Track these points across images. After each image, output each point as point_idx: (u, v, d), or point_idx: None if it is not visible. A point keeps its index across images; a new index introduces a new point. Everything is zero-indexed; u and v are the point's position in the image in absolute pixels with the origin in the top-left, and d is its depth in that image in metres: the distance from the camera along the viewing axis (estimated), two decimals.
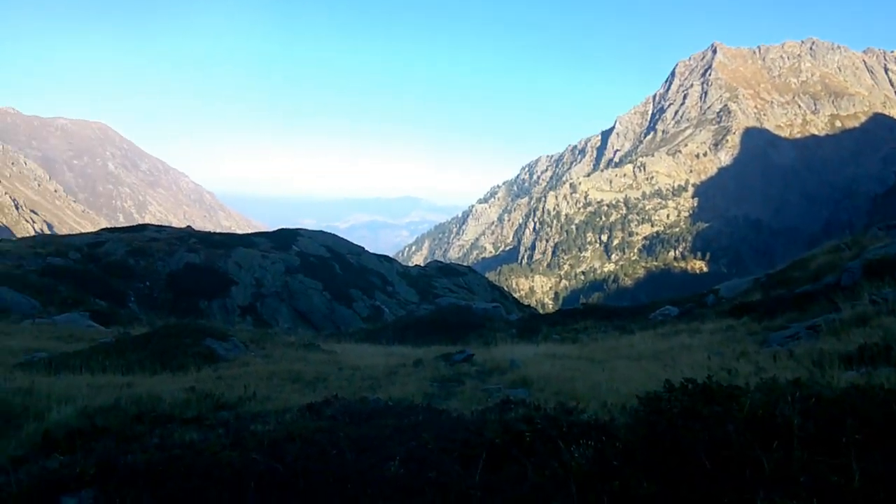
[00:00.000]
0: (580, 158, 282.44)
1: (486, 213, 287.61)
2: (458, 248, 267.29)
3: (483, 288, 58.12)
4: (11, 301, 19.81)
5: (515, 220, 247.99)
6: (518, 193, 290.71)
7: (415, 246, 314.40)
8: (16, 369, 9.89)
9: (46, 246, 42.70)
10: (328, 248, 50.92)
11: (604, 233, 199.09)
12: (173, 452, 5.13)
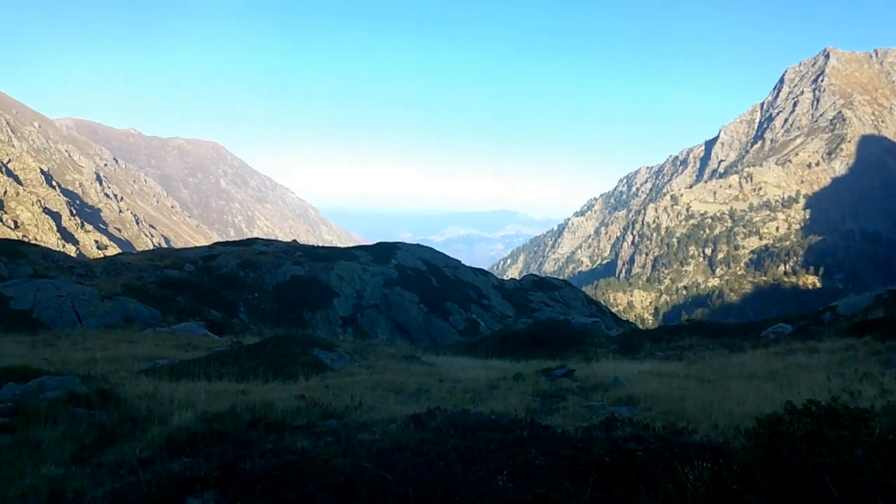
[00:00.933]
0: (682, 169, 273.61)
1: (582, 226, 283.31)
2: (554, 262, 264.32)
3: (579, 302, 57.17)
4: (135, 311, 21.23)
5: (613, 233, 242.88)
6: (616, 206, 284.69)
7: (510, 259, 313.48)
8: (140, 375, 10.56)
9: (164, 259, 45.47)
10: (425, 261, 51.54)
11: (707, 246, 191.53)
12: (288, 458, 5.33)
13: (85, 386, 8.35)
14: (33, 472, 6.04)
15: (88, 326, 18.92)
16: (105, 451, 6.71)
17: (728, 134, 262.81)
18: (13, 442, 6.60)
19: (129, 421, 7.35)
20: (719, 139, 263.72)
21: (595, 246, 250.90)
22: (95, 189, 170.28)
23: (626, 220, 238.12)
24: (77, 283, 24.34)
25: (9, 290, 20.58)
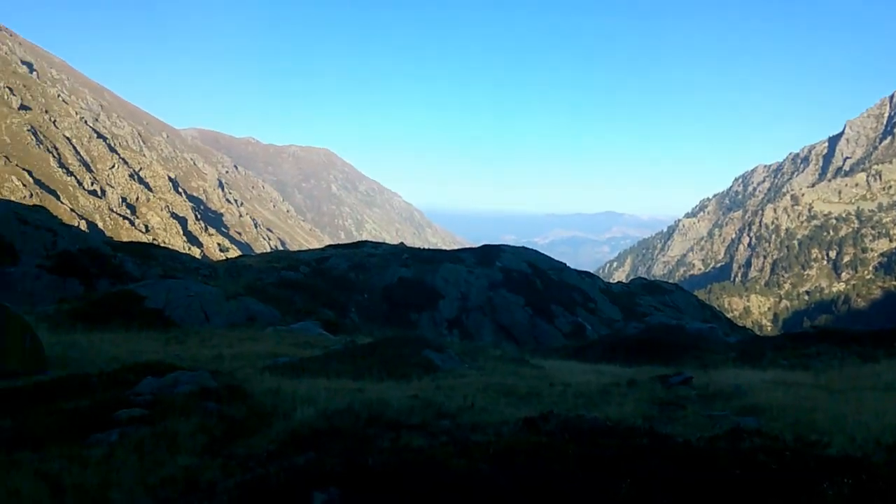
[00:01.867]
0: (802, 168, 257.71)
1: (694, 228, 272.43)
2: (663, 265, 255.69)
3: (692, 307, 55.08)
4: (256, 310, 22.39)
5: (727, 235, 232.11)
6: (730, 206, 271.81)
7: (616, 262, 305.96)
8: (264, 372, 11.10)
9: (281, 261, 47.60)
10: (529, 263, 51.22)
11: (832, 249, 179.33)
12: (406, 457, 5.44)
13: (215, 381, 8.86)
14: (171, 461, 6.46)
15: (215, 325, 20.12)
16: (234, 444, 7.08)
17: (854, 129, 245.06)
18: (152, 433, 7.07)
19: (256, 415, 7.72)
20: (844, 135, 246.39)
21: (708, 248, 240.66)
22: (218, 195, 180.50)
23: (741, 221, 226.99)
24: (203, 284, 25.91)
25: (143, 290, 22.21)
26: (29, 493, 5.52)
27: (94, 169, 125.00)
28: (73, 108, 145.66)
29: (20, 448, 6.68)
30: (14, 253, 31.40)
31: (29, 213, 36.39)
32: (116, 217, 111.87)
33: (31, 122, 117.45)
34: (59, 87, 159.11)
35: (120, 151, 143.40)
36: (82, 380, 9.49)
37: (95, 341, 15.30)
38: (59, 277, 31.26)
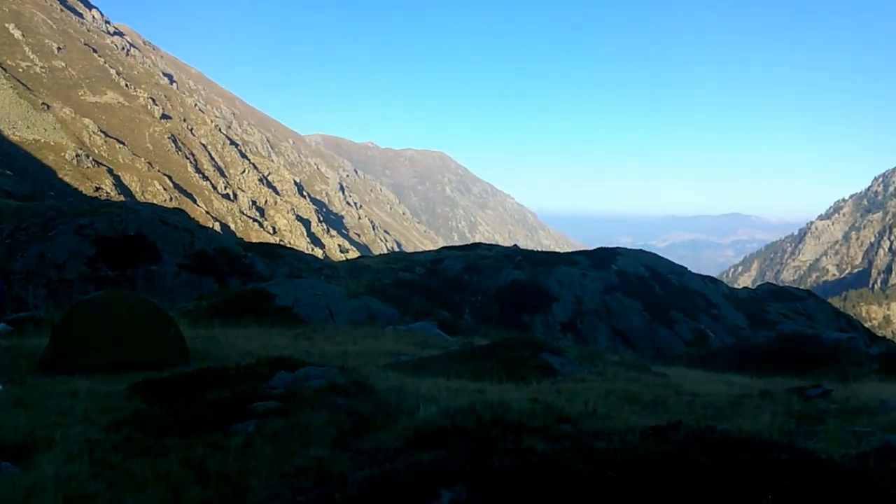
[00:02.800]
0: None
1: (828, 231, 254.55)
2: (793, 270, 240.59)
3: (825, 315, 51.42)
4: (377, 310, 23.12)
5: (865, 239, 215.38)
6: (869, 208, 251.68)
7: (741, 267, 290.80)
8: (386, 369, 11.44)
9: (398, 262, 48.74)
10: (648, 267, 49.68)
11: None
12: (532, 459, 5.44)
13: (342, 377, 9.22)
14: (303, 452, 6.77)
15: (339, 322, 20.96)
16: (362, 438, 7.33)
17: None
18: (286, 424, 7.44)
19: (382, 412, 7.95)
20: None
21: (843, 253, 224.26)
22: (339, 198, 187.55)
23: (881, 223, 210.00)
24: (328, 283, 27.02)
25: (274, 289, 23.46)
26: (177, 477, 5.96)
27: (227, 174, 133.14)
28: (209, 117, 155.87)
29: (168, 435, 7.23)
30: (156, 252, 33.98)
31: (170, 215, 39.28)
32: (247, 219, 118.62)
33: (171, 130, 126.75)
34: (196, 97, 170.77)
35: (250, 157, 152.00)
36: (221, 373, 10.14)
37: (231, 336, 16.32)
38: (196, 276, 33.56)
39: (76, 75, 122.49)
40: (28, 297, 27.68)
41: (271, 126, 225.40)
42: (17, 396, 8.92)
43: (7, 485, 5.59)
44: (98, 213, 35.25)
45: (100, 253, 31.71)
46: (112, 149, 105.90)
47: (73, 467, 6.01)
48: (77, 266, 30.61)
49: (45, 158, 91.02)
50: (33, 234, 32.15)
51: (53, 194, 72.16)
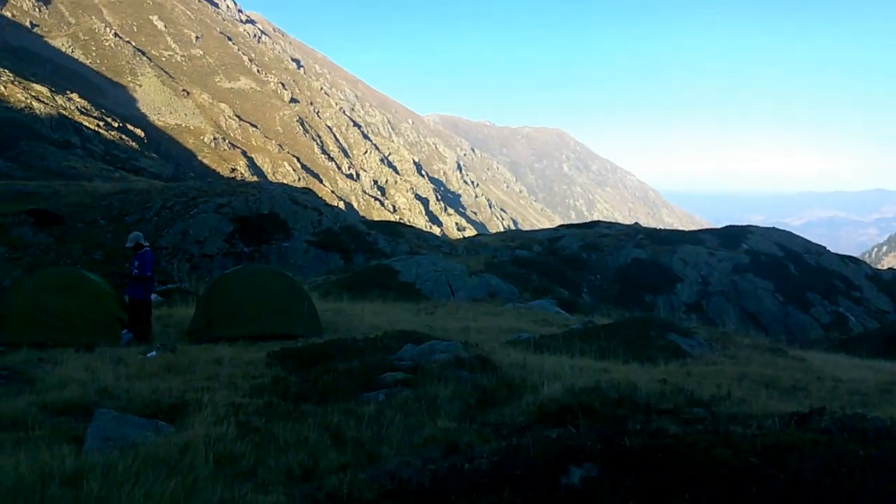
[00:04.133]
0: None
1: None
2: None
3: None
4: (496, 286, 23.27)
5: None
6: None
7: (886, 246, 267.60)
8: (507, 346, 11.49)
9: (514, 240, 48.67)
10: (781, 246, 46.85)
11: None
12: (665, 441, 5.29)
13: (466, 352, 9.35)
14: (431, 423, 6.94)
15: (459, 298, 21.29)
16: (486, 412, 7.42)
17: None
18: (414, 396, 7.65)
19: (505, 387, 8.00)
20: None
21: None
22: (456, 177, 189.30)
23: None
24: (448, 260, 27.45)
25: (397, 265, 24.15)
26: (315, 441, 6.28)
27: (351, 154, 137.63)
28: (334, 100, 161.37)
29: (305, 401, 7.61)
30: (287, 230, 35.75)
31: (299, 194, 41.16)
32: (369, 198, 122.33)
33: (299, 113, 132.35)
34: (322, 80, 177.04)
35: (372, 138, 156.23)
36: (351, 344, 10.56)
37: (358, 309, 16.97)
38: (323, 252, 35.06)
39: (213, 63, 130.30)
40: (173, 270, 29.95)
41: (392, 107, 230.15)
42: (168, 362, 9.69)
43: (164, 442, 6.10)
44: (235, 193, 37.52)
45: (236, 230, 33.80)
46: (245, 132, 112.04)
47: (221, 429, 6.44)
48: (216, 242, 32.78)
49: (186, 142, 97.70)
50: (177, 213, 34.70)
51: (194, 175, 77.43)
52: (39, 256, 29.14)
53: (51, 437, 6.37)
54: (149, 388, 8.17)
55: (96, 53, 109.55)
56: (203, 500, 5.04)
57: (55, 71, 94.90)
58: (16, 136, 56.42)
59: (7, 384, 8.21)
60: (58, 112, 71.37)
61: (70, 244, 30.84)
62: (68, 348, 10.18)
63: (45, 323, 10.82)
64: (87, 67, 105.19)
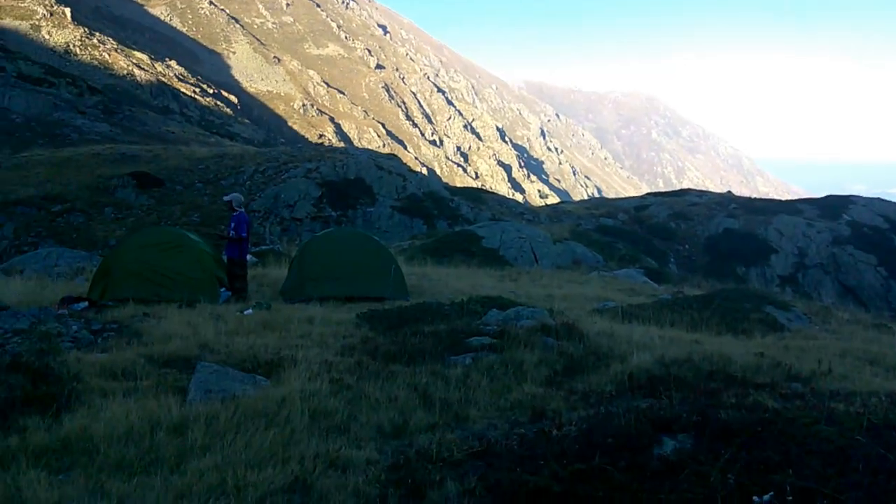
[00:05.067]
0: None
1: None
2: None
3: None
4: (581, 254, 22.97)
5: None
6: None
7: None
8: (593, 314, 11.35)
9: (599, 208, 47.77)
10: (886, 217, 44.02)
11: None
12: (763, 416, 5.12)
13: (552, 319, 9.30)
14: (517, 388, 6.96)
15: (543, 266, 21.16)
16: (573, 380, 7.38)
17: None
18: (500, 360, 7.69)
19: (593, 355, 7.93)
20: None
21: None
22: (540, 143, 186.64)
23: None
24: (532, 227, 27.28)
25: (481, 231, 24.19)
26: (404, 400, 6.42)
27: (434, 121, 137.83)
28: (418, 66, 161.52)
29: (393, 361, 7.78)
30: (372, 195, 36.34)
31: (384, 160, 41.65)
32: (451, 165, 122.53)
33: (385, 79, 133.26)
34: (408, 46, 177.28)
35: (456, 104, 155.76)
36: (437, 308, 10.69)
37: (442, 274, 17.14)
38: (407, 217, 35.49)
39: (302, 30, 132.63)
40: (265, 233, 31.05)
41: (476, 72, 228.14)
42: (264, 319, 10.09)
43: (262, 395, 6.38)
44: (323, 159, 38.36)
45: (324, 194, 34.64)
46: (333, 98, 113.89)
47: (315, 385, 6.68)
48: (305, 206, 33.72)
49: (277, 108, 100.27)
50: (269, 177, 35.84)
51: (284, 141, 79.57)
52: (141, 217, 30.80)
53: (157, 388, 6.77)
54: (246, 343, 8.55)
55: (192, 21, 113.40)
56: (300, 451, 5.26)
57: (154, 39, 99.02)
58: (119, 102, 59.40)
59: (117, 337, 8.76)
60: (157, 79, 74.55)
61: (169, 206, 32.43)
62: (171, 304, 10.74)
63: (149, 280, 11.44)
64: (183, 35, 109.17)
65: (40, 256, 18.90)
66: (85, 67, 67.73)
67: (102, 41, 76.11)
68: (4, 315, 8.68)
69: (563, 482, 4.20)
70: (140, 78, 71.47)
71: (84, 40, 72.97)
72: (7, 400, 6.10)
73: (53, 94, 52.96)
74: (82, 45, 72.00)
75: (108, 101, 58.04)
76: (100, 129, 48.91)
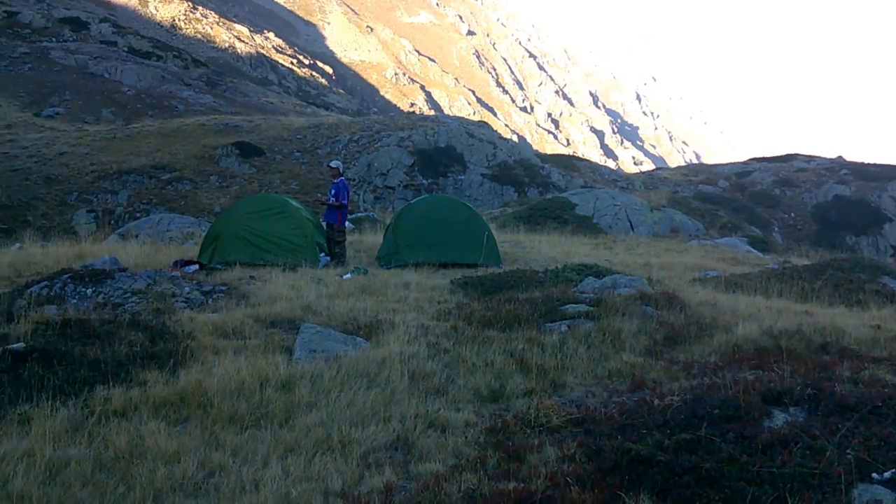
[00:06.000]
0: None
1: None
2: None
3: None
4: (680, 222, 22.21)
5: None
6: None
7: None
8: (694, 284, 10.99)
9: (698, 174, 45.93)
10: None
11: None
12: (882, 390, 4.85)
13: (651, 287, 9.07)
14: (615, 356, 6.86)
15: (639, 234, 20.62)
16: (674, 350, 7.19)
17: None
18: (597, 328, 7.58)
19: (695, 325, 7.69)
20: None
21: None
22: (635, 108, 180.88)
23: None
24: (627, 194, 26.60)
25: (574, 198, 23.80)
26: (501, 365, 6.46)
27: (525, 87, 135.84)
28: (510, 31, 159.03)
29: (488, 327, 7.82)
30: (463, 163, 36.35)
31: (475, 128, 41.49)
32: (542, 132, 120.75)
33: (475, 46, 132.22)
34: (499, 11, 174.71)
35: (547, 69, 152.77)
36: (531, 275, 10.64)
37: (535, 242, 17.02)
38: (497, 185, 35.34)
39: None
40: (359, 201, 31.71)
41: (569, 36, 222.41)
42: (362, 284, 10.35)
43: (363, 356, 6.57)
44: (415, 127, 38.63)
45: (416, 163, 34.94)
46: (424, 66, 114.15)
47: (413, 348, 6.82)
48: (398, 174, 34.15)
49: (369, 78, 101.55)
50: (363, 146, 36.46)
51: (376, 110, 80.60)
52: (244, 185, 32.09)
53: (265, 347, 7.09)
54: (346, 306, 8.80)
55: None
56: (400, 411, 5.40)
57: (253, 11, 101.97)
58: (222, 74, 61.72)
59: (226, 298, 9.21)
60: (256, 51, 76.90)
61: (270, 174, 33.61)
62: (274, 268, 11.17)
63: (254, 244, 11.94)
64: (281, 7, 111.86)
65: (153, 222, 20.09)
66: (189, 41, 70.70)
67: (205, 15, 79.07)
68: (123, 276, 9.27)
69: (667, 452, 4.13)
70: (240, 50, 73.93)
71: (188, 14, 76.05)
72: (128, 355, 6.55)
73: (161, 67, 55.65)
74: (186, 20, 75.09)
75: (212, 73, 60.43)
76: (204, 100, 51.03)
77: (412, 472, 4.49)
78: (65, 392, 5.60)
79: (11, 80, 46.35)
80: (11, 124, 38.91)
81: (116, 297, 8.62)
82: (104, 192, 30.05)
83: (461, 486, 4.05)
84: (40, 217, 27.40)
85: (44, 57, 51.11)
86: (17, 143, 34.12)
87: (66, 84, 47.33)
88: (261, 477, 4.32)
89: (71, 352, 6.31)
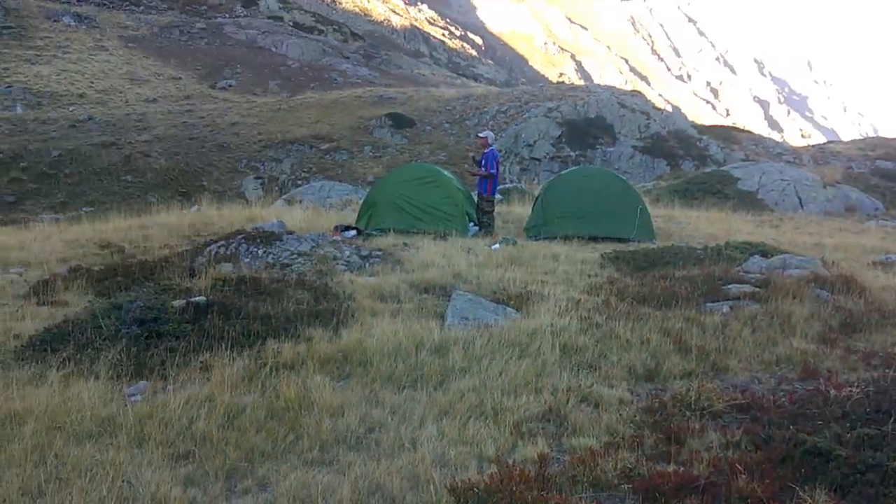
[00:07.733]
0: None
1: None
2: None
3: None
4: (856, 200, 20.25)
5: None
6: None
7: None
8: (874, 267, 10.00)
9: (875, 148, 41.50)
10: None
11: None
12: None
13: (825, 270, 8.36)
14: (784, 342, 6.40)
15: (808, 212, 19.05)
16: (852, 338, 6.61)
17: None
18: (763, 311, 7.10)
19: (876, 312, 7.02)
20: None
21: None
22: (805, 75, 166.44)
23: None
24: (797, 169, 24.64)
25: (736, 172, 22.36)
26: (657, 344, 6.21)
27: (682, 55, 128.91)
28: None
29: (642, 304, 7.53)
30: (613, 134, 35.25)
31: (627, 98, 39.99)
32: (699, 101, 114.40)
33: (631, 12, 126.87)
34: None
35: (708, 35, 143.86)
36: (688, 251, 10.15)
37: (691, 217, 16.20)
38: (649, 157, 33.97)
39: None
40: (506, 172, 31.67)
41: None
42: (511, 255, 10.35)
43: (513, 326, 6.57)
44: (564, 98, 37.88)
45: (564, 134, 34.29)
46: (575, 35, 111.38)
47: (563, 321, 6.72)
48: (545, 146, 33.70)
49: (518, 48, 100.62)
50: (510, 117, 36.27)
51: (524, 81, 79.84)
52: (395, 155, 33.05)
53: (419, 311, 7.30)
54: (496, 276, 8.85)
55: None
56: (552, 383, 5.36)
57: None
58: (377, 47, 63.62)
59: (382, 263, 9.57)
60: (410, 24, 78.49)
61: (419, 145, 34.37)
62: (426, 236, 11.43)
63: (407, 212, 12.26)
64: None
65: (315, 189, 21.23)
66: (347, 15, 73.37)
67: None
68: (290, 239, 9.88)
69: (847, 446, 3.81)
70: (395, 23, 75.78)
71: None
72: (296, 312, 6.98)
73: (322, 40, 58.23)
74: None
75: (368, 45, 62.43)
76: (361, 72, 52.89)
77: (565, 444, 4.46)
78: (240, 343, 6.09)
79: (190, 54, 50.42)
80: (190, 95, 42.52)
81: (284, 258, 9.20)
82: (270, 160, 32.10)
83: (617, 463, 3.97)
84: (214, 182, 29.77)
85: (218, 32, 55.11)
86: (194, 113, 37.19)
87: (238, 58, 50.77)
88: (418, 436, 4.46)
89: (245, 307, 6.83)
